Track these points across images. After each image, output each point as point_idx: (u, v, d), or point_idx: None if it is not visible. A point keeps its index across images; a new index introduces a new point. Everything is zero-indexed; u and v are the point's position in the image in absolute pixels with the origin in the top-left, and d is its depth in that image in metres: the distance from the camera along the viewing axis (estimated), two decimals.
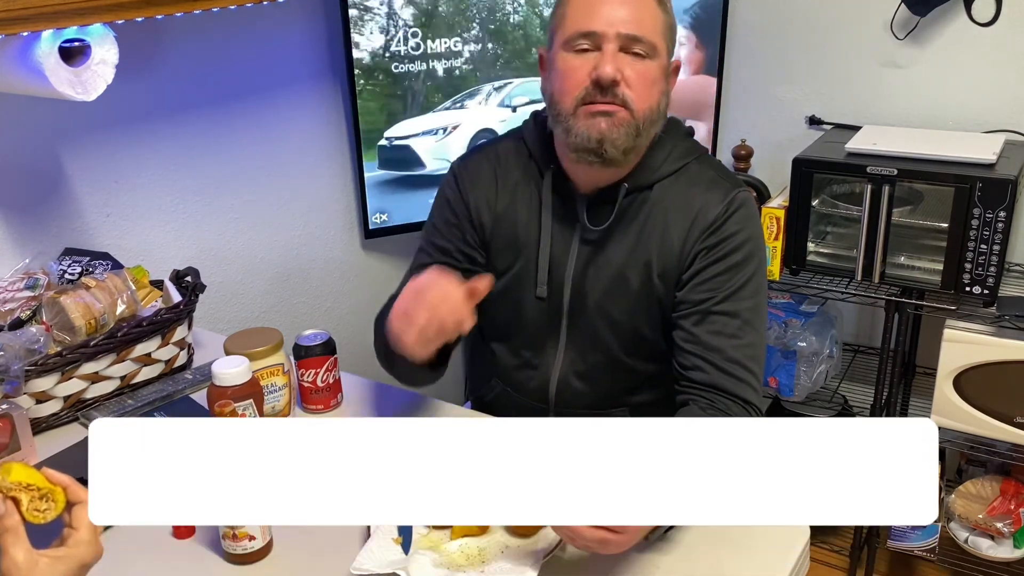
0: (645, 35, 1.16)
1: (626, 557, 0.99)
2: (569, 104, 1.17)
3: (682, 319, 1.24)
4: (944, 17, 2.05)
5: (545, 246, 1.29)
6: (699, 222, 1.23)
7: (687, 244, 1.23)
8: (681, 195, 1.25)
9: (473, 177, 1.34)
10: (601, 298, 1.28)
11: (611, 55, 1.15)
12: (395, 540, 0.99)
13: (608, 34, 1.15)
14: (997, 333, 1.80)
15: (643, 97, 1.17)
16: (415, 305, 1.03)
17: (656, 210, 1.25)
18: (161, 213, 1.71)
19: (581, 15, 1.17)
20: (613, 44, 1.15)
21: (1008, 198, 1.77)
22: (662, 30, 1.19)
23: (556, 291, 1.30)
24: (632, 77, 1.15)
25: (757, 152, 2.31)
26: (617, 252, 1.26)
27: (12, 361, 1.21)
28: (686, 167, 1.27)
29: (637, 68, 1.16)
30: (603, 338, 1.30)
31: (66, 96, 1.20)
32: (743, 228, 1.23)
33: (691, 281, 1.23)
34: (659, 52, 1.18)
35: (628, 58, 1.16)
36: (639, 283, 1.26)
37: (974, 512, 2.01)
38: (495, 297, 1.34)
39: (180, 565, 1.03)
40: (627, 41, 1.15)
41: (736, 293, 1.21)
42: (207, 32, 1.71)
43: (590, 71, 1.15)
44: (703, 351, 1.21)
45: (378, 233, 2.12)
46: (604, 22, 1.15)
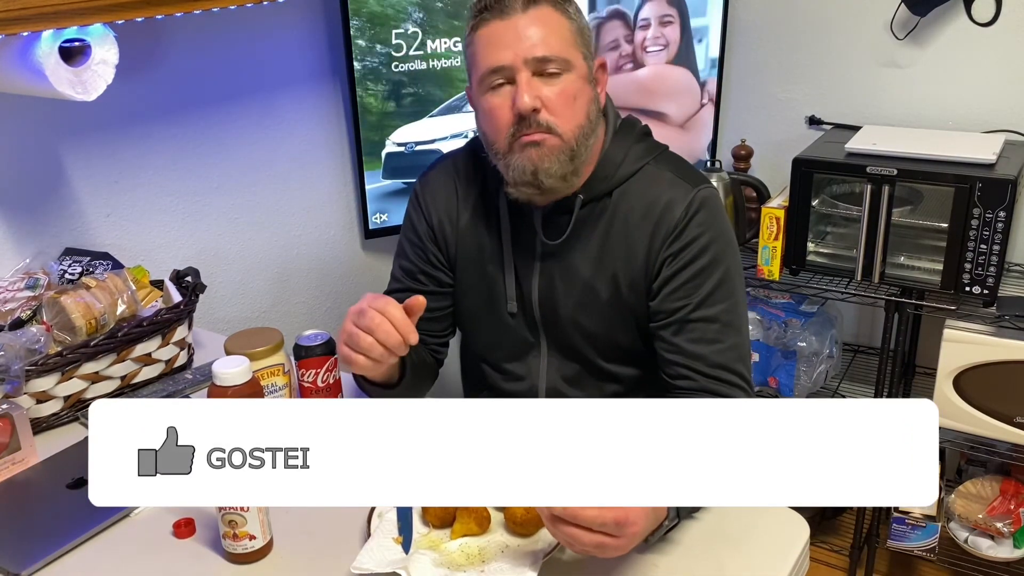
0: (553, 53, 1.14)
1: (626, 557, 0.99)
2: (502, 143, 1.18)
3: (661, 330, 1.23)
4: (944, 17, 2.05)
5: (509, 263, 1.29)
6: (661, 228, 1.21)
7: (652, 253, 1.22)
8: (640, 200, 1.23)
9: (434, 194, 1.34)
10: (572, 311, 1.28)
11: (525, 84, 1.13)
12: (395, 540, 0.99)
13: (516, 63, 1.14)
14: (997, 333, 1.80)
15: (567, 117, 1.16)
16: (355, 331, 1.08)
17: (617, 217, 1.24)
18: (161, 213, 1.71)
19: (487, 52, 1.16)
20: (525, 72, 1.14)
21: (1008, 198, 1.77)
22: (571, 39, 1.16)
23: (527, 306, 1.30)
24: (551, 99, 1.14)
25: (757, 152, 2.31)
26: (582, 264, 1.26)
27: (12, 361, 1.21)
28: (643, 169, 1.25)
29: (554, 88, 1.15)
30: (580, 348, 1.30)
31: (66, 96, 1.20)
32: (706, 229, 1.21)
33: (662, 290, 1.22)
34: (573, 63, 1.16)
35: (542, 81, 1.14)
36: (608, 294, 1.25)
37: (974, 512, 2.01)
38: (473, 319, 1.35)
39: (180, 565, 1.03)
40: (536, 64, 1.14)
41: (710, 297, 1.20)
42: (207, 32, 1.71)
43: (511, 106, 1.14)
44: (687, 360, 1.21)
45: (378, 233, 2.12)
46: (509, 54, 1.14)
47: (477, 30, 1.17)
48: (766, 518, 1.06)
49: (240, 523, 0.99)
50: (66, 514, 1.09)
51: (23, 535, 1.07)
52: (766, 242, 2.04)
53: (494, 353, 1.37)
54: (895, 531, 2.03)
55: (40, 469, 1.20)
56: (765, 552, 1.03)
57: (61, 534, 1.05)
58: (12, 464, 1.18)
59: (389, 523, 1.01)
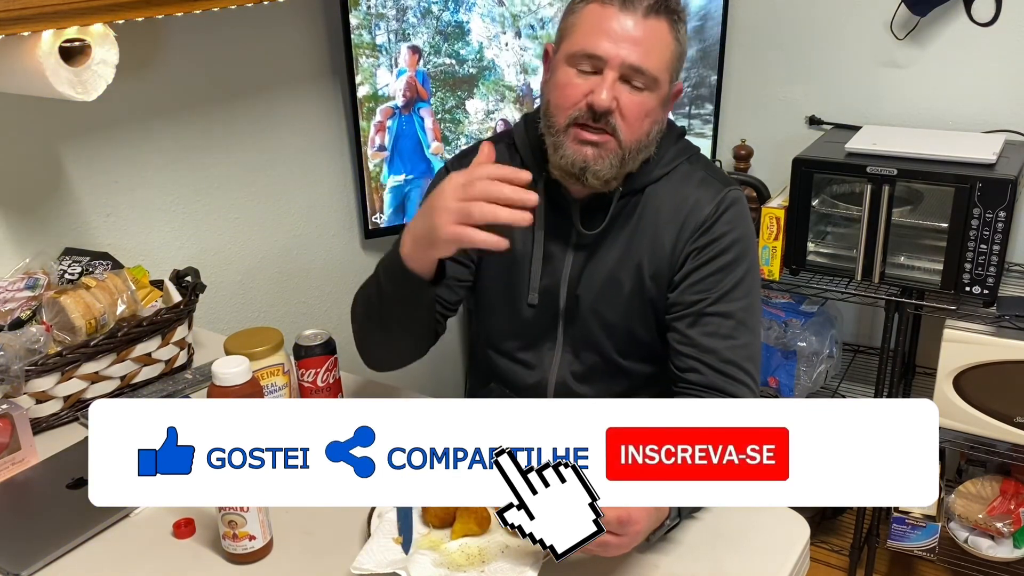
0: (649, 68, 1.14)
1: (626, 557, 0.99)
2: (562, 120, 1.17)
3: (676, 321, 1.23)
4: (944, 17, 2.05)
5: (538, 255, 1.29)
6: (689, 223, 1.22)
7: (678, 245, 1.23)
8: (671, 196, 1.24)
9: None
10: (594, 301, 1.28)
11: (610, 83, 1.13)
12: (395, 540, 0.99)
13: (612, 61, 1.13)
14: (997, 333, 1.80)
15: (633, 128, 1.16)
16: (466, 205, 1.01)
17: (647, 212, 1.25)
18: (161, 213, 1.71)
19: (589, 34, 1.15)
20: (614, 72, 1.13)
21: (1008, 198, 1.77)
22: (668, 61, 1.17)
23: (551, 297, 1.30)
24: (627, 107, 1.14)
25: (757, 152, 2.31)
26: (609, 255, 1.26)
27: (12, 361, 1.21)
28: (676, 168, 1.26)
29: (634, 99, 1.15)
30: (598, 340, 1.30)
31: (66, 96, 1.20)
32: (733, 228, 1.22)
33: (683, 282, 1.23)
34: (660, 84, 1.16)
35: (626, 88, 1.15)
36: (631, 285, 1.26)
37: (974, 512, 2.01)
38: (490, 305, 1.34)
39: (180, 565, 1.03)
40: (629, 71, 1.14)
41: (729, 294, 1.21)
42: (207, 32, 1.71)
43: (587, 92, 1.14)
44: (698, 353, 1.21)
45: (378, 233, 2.12)
46: (611, 49, 1.13)
47: (591, 2, 1.16)
48: (766, 518, 1.06)
49: (240, 523, 0.99)
50: (66, 514, 1.09)
51: (23, 535, 1.06)
52: (766, 242, 2.04)
53: (507, 342, 1.36)
54: (895, 531, 2.03)
55: (40, 469, 1.20)
56: (765, 552, 1.03)
57: (61, 534, 1.05)
58: (12, 464, 1.18)
59: (389, 523, 1.01)
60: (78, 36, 1.18)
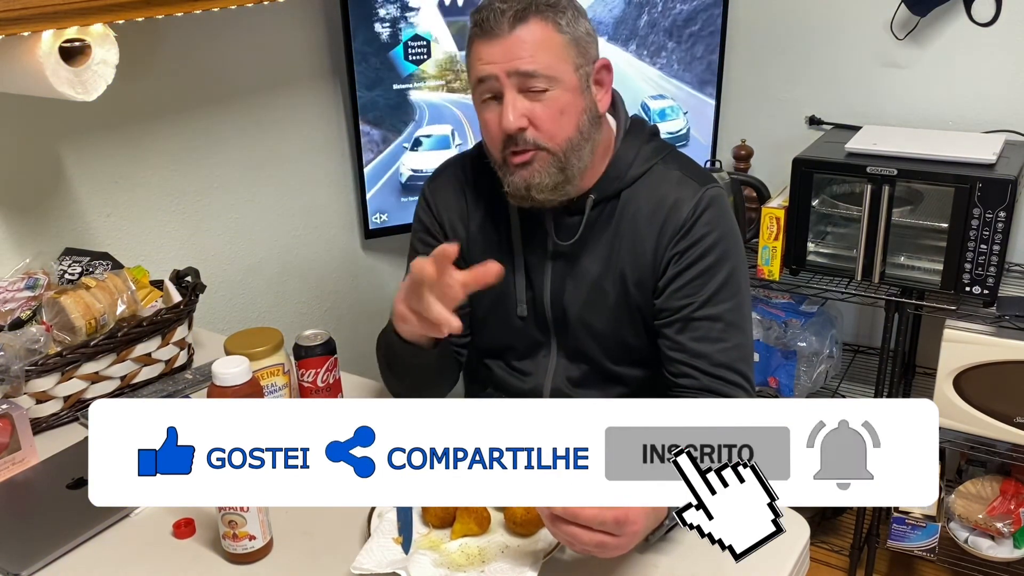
0: (539, 69, 1.13)
1: (626, 557, 0.99)
2: (497, 155, 1.19)
3: (665, 327, 1.23)
4: (944, 17, 2.05)
5: (520, 266, 1.29)
6: (668, 226, 1.21)
7: (659, 250, 1.22)
8: (648, 199, 1.23)
9: (444, 197, 1.34)
10: (581, 311, 1.28)
11: (511, 103, 1.13)
12: (395, 540, 0.99)
13: (500, 76, 1.13)
14: (997, 333, 1.80)
15: (554, 132, 1.15)
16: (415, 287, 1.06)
17: (625, 217, 1.24)
18: (161, 213, 1.71)
19: (475, 63, 1.16)
20: (511, 90, 1.13)
21: (1008, 198, 1.77)
22: (561, 53, 1.14)
23: (538, 307, 1.30)
24: (538, 116, 1.14)
25: (757, 152, 2.31)
26: (592, 263, 1.26)
27: (12, 361, 1.21)
28: (651, 169, 1.25)
29: (541, 105, 1.14)
30: (588, 349, 1.30)
31: (66, 96, 1.20)
32: (713, 228, 1.21)
33: (668, 288, 1.22)
34: (561, 78, 1.14)
35: (529, 97, 1.14)
36: (616, 294, 1.25)
37: (974, 512, 2.01)
38: (483, 318, 1.35)
39: (180, 565, 1.03)
40: (521, 79, 1.13)
41: (715, 296, 1.20)
42: (207, 32, 1.71)
43: (499, 122, 1.15)
44: (689, 358, 1.21)
45: (378, 233, 2.12)
46: (493, 68, 1.13)
47: (471, 41, 1.17)
48: None
49: (240, 523, 0.99)
50: (66, 514, 1.09)
51: (23, 535, 1.07)
52: (766, 242, 2.04)
53: (502, 352, 1.37)
54: (895, 531, 2.03)
55: (40, 469, 1.20)
56: (765, 552, 1.02)
57: (61, 534, 1.05)
58: (12, 464, 1.18)
59: (389, 523, 1.01)
60: (78, 36, 1.18)
